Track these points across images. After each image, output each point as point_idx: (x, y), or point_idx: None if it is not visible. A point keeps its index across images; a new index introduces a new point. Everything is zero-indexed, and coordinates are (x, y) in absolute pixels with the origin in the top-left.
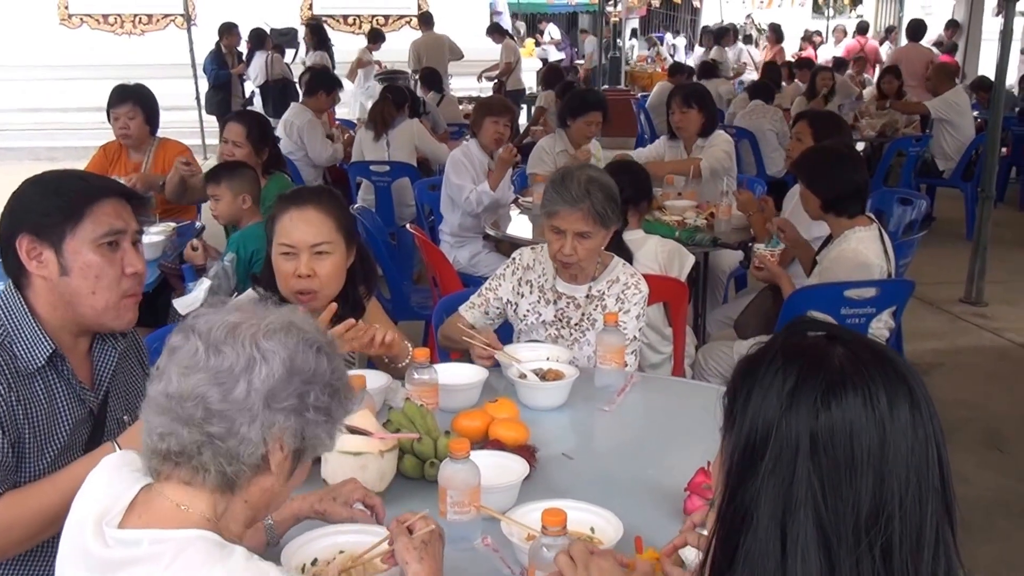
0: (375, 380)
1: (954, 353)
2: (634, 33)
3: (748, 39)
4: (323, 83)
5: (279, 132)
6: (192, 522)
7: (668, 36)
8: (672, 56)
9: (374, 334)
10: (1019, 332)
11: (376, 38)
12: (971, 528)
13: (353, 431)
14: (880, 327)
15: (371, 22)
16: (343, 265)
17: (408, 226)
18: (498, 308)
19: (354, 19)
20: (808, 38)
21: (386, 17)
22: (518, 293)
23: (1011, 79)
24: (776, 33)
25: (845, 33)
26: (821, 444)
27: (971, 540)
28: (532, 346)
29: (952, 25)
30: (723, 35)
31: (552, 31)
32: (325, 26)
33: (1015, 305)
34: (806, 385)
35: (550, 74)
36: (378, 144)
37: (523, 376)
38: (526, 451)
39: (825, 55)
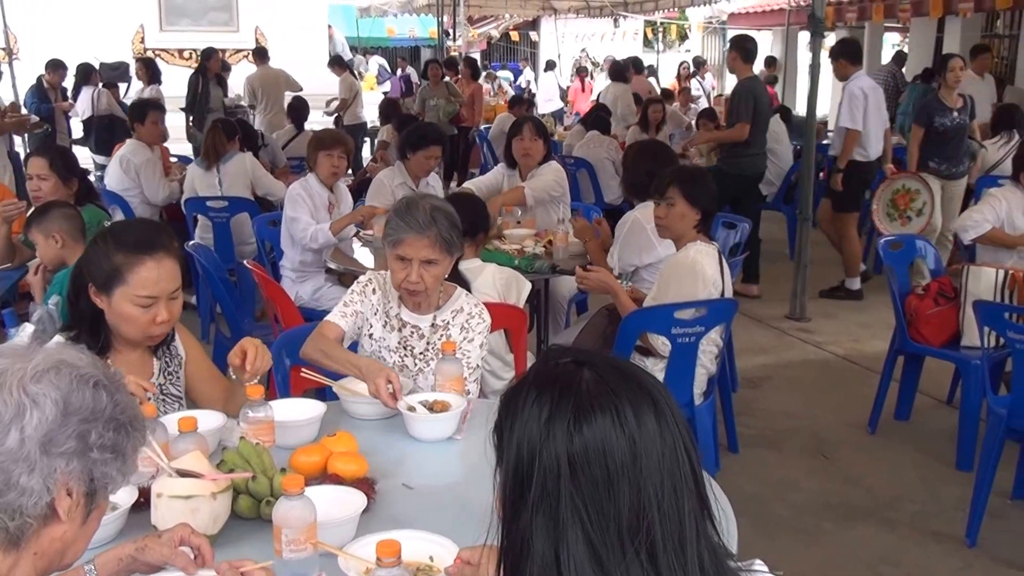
0: (208, 421)
1: (782, 367)
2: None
3: (583, 71)
4: (144, 112)
5: (112, 168)
6: None
7: (528, 70)
8: (522, 88)
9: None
10: (839, 345)
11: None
12: (802, 531)
13: (184, 474)
14: (710, 345)
15: None
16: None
17: (246, 262)
18: (359, 325)
19: (189, 53)
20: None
21: (223, 51)
22: (374, 313)
23: (824, 109)
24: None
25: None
26: (579, 466)
27: (801, 543)
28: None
29: (771, 61)
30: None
31: (372, 67)
32: (159, 60)
33: (835, 319)
34: (559, 412)
35: (388, 108)
36: (209, 176)
37: (412, 409)
38: (365, 484)
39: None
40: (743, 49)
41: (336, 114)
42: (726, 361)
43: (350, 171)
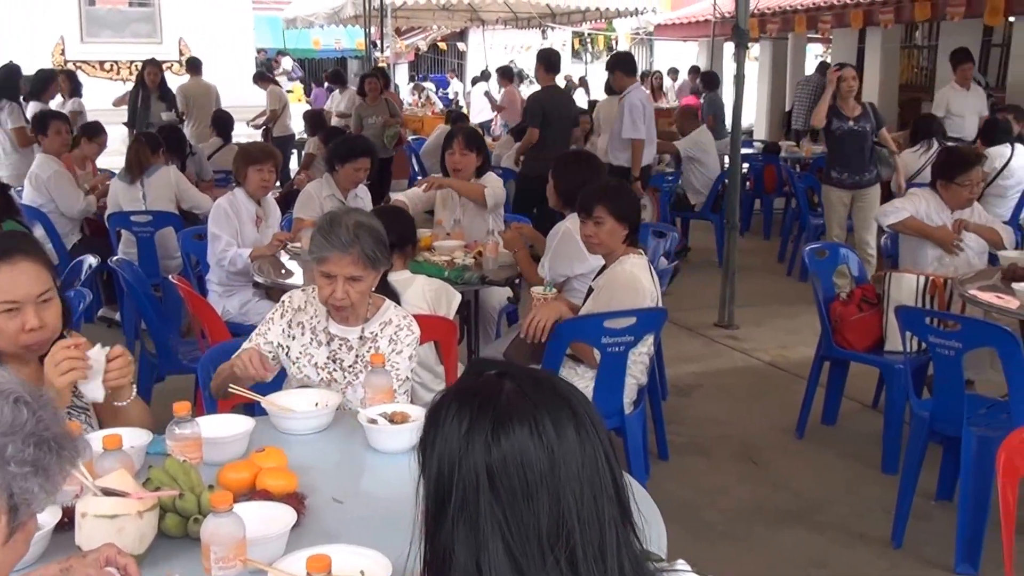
0: (134, 438)
1: (711, 375)
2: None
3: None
4: (46, 123)
5: (25, 185)
6: None
7: (455, 81)
8: (450, 100)
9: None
10: (767, 352)
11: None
12: (732, 537)
13: (109, 493)
14: (640, 356)
15: (129, 68)
16: (60, 307)
17: (172, 277)
18: (270, 353)
19: (111, 65)
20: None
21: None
22: (289, 336)
23: (749, 119)
24: (506, 75)
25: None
26: (497, 477)
27: (732, 548)
28: (300, 392)
29: (695, 71)
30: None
31: (286, 64)
32: (80, 72)
33: (763, 326)
34: (478, 424)
35: (315, 119)
36: (133, 190)
37: (373, 421)
38: (294, 499)
39: None
40: (546, 61)
41: (265, 126)
42: (656, 369)
43: (277, 183)
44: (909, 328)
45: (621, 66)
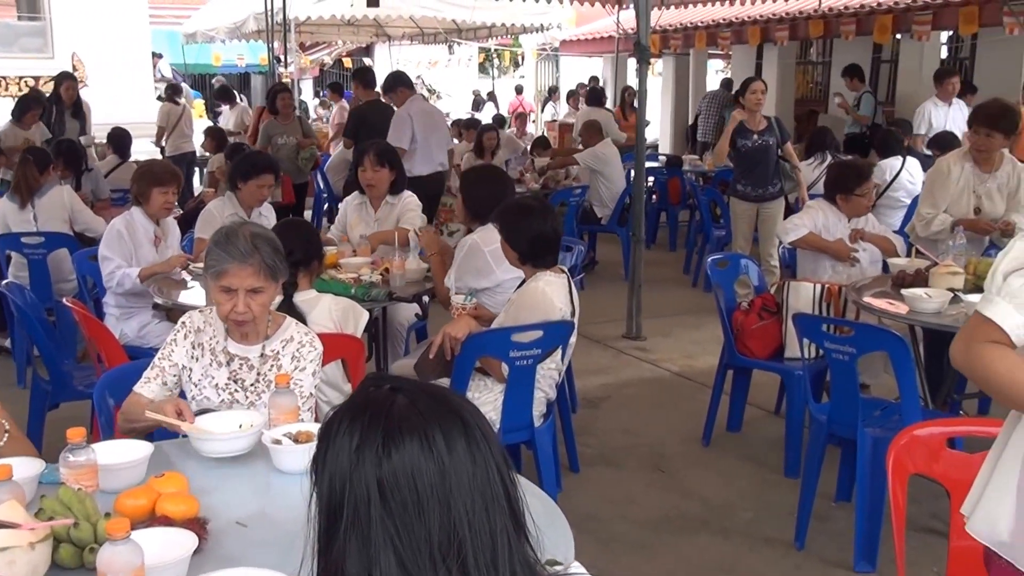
0: (25, 468)
1: (620, 386)
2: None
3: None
4: None
5: None
6: None
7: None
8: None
9: None
10: (674, 362)
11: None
12: (641, 546)
13: None
14: (550, 370)
15: (19, 84)
16: None
17: (66, 300)
18: (175, 376)
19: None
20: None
21: (36, 78)
22: (192, 357)
23: (653, 133)
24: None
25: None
26: (388, 490)
27: (641, 556)
28: (222, 414)
29: (594, 79)
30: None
31: (163, 68)
32: None
33: (670, 337)
34: (369, 439)
35: (218, 135)
36: (24, 213)
37: (277, 441)
38: (196, 524)
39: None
40: (362, 78)
41: (160, 145)
42: (565, 382)
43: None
44: (806, 335)
45: (399, 84)
